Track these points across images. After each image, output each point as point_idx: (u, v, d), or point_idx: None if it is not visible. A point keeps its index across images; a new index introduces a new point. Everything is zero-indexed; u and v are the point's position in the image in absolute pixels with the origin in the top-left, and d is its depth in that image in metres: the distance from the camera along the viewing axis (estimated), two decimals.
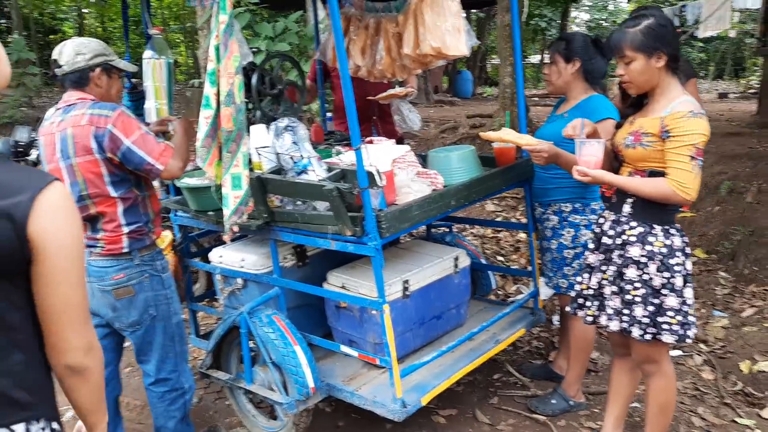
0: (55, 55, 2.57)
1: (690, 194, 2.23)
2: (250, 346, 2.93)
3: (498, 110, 6.90)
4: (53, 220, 1.18)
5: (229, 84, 2.10)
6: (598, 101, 2.93)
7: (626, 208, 2.43)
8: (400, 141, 4.24)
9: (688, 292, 2.37)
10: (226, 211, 2.25)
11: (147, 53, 2.97)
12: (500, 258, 4.93)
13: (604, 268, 2.50)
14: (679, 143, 2.22)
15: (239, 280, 3.15)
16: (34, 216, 1.16)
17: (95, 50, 2.60)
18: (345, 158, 2.89)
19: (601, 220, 2.54)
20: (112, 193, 2.49)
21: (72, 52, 2.55)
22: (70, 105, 2.54)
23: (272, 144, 2.68)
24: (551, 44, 3.11)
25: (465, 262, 3.24)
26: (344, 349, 2.87)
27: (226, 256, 3.20)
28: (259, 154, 2.72)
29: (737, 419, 3.05)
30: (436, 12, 3.16)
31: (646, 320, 2.36)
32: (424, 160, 3.20)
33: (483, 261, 3.75)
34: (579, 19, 28.39)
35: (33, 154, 4.85)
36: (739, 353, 3.63)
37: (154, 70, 2.98)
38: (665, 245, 2.34)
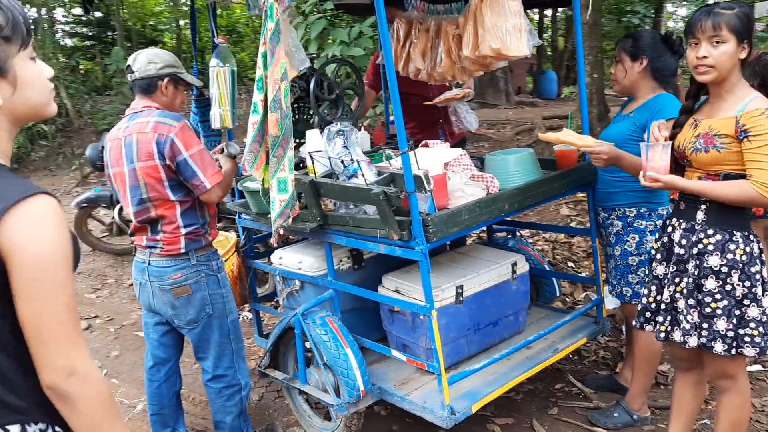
0: (129, 61, 2.73)
1: None
2: (305, 347, 2.98)
3: (576, 111, 6.69)
4: (26, 231, 1.14)
5: (275, 90, 2.15)
6: (665, 100, 2.78)
7: (700, 215, 2.27)
8: (462, 143, 4.19)
9: (766, 302, 2.22)
10: (273, 214, 2.30)
11: (213, 61, 3.08)
12: (571, 264, 4.77)
13: (677, 280, 2.34)
14: (761, 142, 2.07)
15: (297, 282, 3.21)
16: (3, 226, 1.13)
17: (166, 61, 2.74)
18: (396, 162, 2.88)
19: (670, 229, 2.40)
20: (171, 196, 2.61)
21: (145, 60, 2.70)
22: (136, 112, 2.69)
23: (324, 148, 2.71)
24: (618, 42, 2.98)
25: (524, 267, 3.16)
26: (394, 353, 2.86)
27: (285, 258, 3.26)
28: (312, 158, 2.76)
29: None
30: (496, 12, 3.10)
31: (730, 334, 2.21)
32: (482, 164, 3.14)
33: (546, 267, 3.64)
34: (677, 14, 27.09)
35: None
36: None
37: (218, 77, 3.08)
38: (746, 252, 2.20)
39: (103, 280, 5.65)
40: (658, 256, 2.43)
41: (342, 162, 2.65)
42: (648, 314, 2.44)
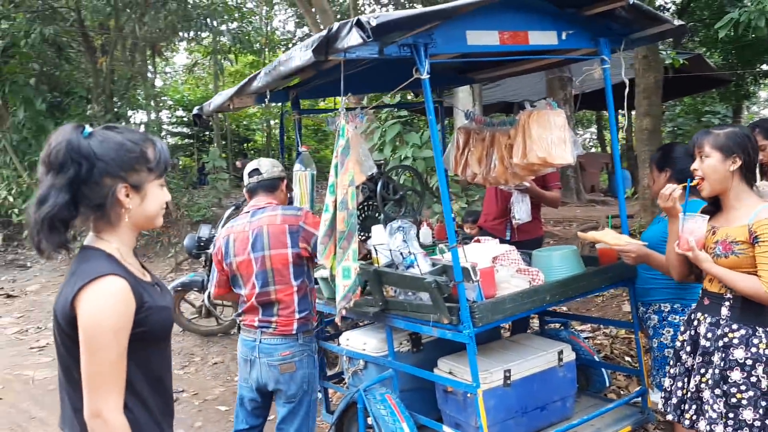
0: (254, 165, 3.27)
1: None
2: (366, 422, 3.30)
3: (639, 211, 6.91)
4: (89, 302, 1.53)
5: (343, 194, 2.62)
6: (693, 206, 3.07)
7: (724, 311, 2.51)
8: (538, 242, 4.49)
9: None
10: (337, 297, 2.71)
11: (296, 166, 3.63)
12: (628, 359, 4.89)
13: (702, 371, 2.54)
14: (767, 248, 2.35)
15: (361, 362, 3.57)
16: (77, 297, 1.54)
17: (282, 167, 3.32)
18: (448, 256, 3.26)
19: (696, 323, 2.62)
20: (293, 281, 3.04)
21: (270, 165, 3.27)
22: (260, 208, 3.17)
23: (387, 242, 3.14)
24: (651, 157, 3.33)
25: (570, 356, 3.40)
26: (446, 429, 3.14)
27: (352, 340, 3.64)
28: (376, 250, 3.19)
29: None
30: (543, 126, 3.53)
31: (757, 423, 2.38)
32: (530, 259, 3.48)
33: (596, 358, 3.85)
34: (759, 116, 26.81)
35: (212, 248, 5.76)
36: None
37: (300, 180, 3.62)
38: None
39: (191, 357, 6.16)
40: (688, 348, 2.65)
41: (401, 254, 3.06)
42: (674, 402, 2.64)
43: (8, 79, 11.03)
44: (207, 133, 26.08)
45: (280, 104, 4.56)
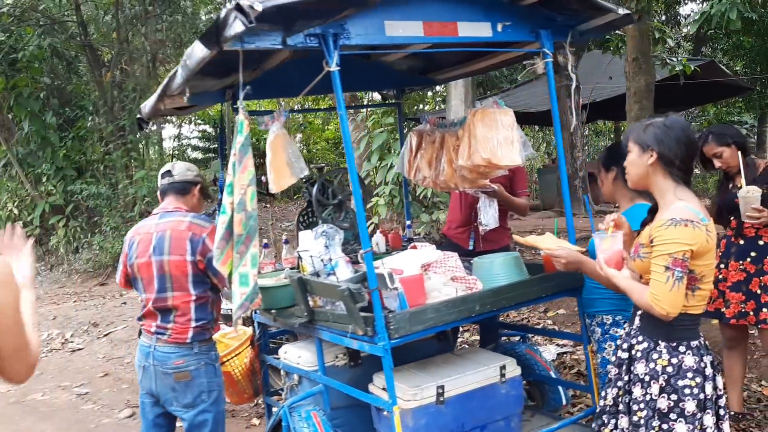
0: (168, 167, 3.15)
1: (664, 308, 2.10)
2: None
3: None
4: None
5: (241, 194, 2.44)
6: (638, 210, 2.83)
7: (636, 321, 2.33)
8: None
9: (708, 420, 2.14)
10: (233, 305, 2.53)
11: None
12: None
13: (619, 383, 2.35)
14: (657, 252, 2.14)
15: (295, 376, 3.37)
16: None
17: (198, 172, 3.17)
18: (387, 262, 3.05)
19: (620, 332, 2.43)
20: (191, 290, 2.91)
21: (184, 167, 3.14)
22: (168, 212, 3.04)
23: (311, 248, 2.95)
24: (598, 157, 3.11)
25: (514, 371, 3.15)
26: None
27: (289, 353, 3.45)
28: (299, 256, 3.00)
29: None
30: (488, 125, 3.31)
31: None
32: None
33: (552, 374, 3.58)
34: None
35: None
36: None
37: None
38: (671, 364, 2.17)
39: None
40: (613, 358, 2.44)
41: (322, 260, 2.87)
42: (605, 417, 2.41)
43: (15, 92, 11.16)
44: (227, 147, 26.32)
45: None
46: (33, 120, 11.40)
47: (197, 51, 2.52)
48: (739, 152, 3.37)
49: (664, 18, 16.44)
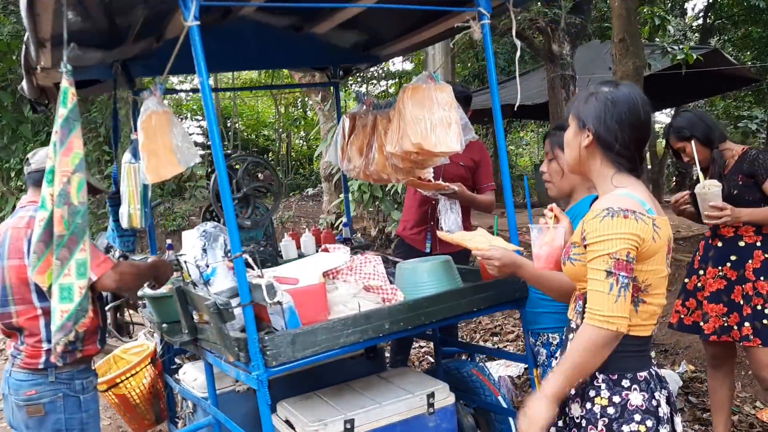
0: (29, 155, 2.61)
1: (612, 324, 1.56)
2: None
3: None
4: None
5: (63, 183, 1.89)
6: (588, 203, 2.27)
7: (569, 344, 1.77)
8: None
9: None
10: (53, 327, 1.98)
11: (125, 156, 2.93)
12: None
13: (553, 430, 1.81)
14: (593, 253, 1.60)
15: (190, 403, 2.83)
16: None
17: None
18: (282, 269, 2.51)
19: (555, 361, 1.89)
20: (36, 302, 2.35)
21: (44, 155, 2.57)
22: (22, 207, 2.52)
23: (188, 251, 2.41)
24: (545, 136, 2.54)
25: (446, 400, 2.60)
26: None
27: (187, 374, 2.92)
28: (178, 261, 2.47)
29: None
30: (419, 104, 2.76)
31: None
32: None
33: (501, 400, 3.02)
34: None
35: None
36: None
37: (129, 174, 2.92)
38: (613, 404, 1.63)
39: None
40: None
41: (198, 267, 2.33)
42: None
43: None
44: (226, 144, 25.89)
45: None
46: (3, 113, 10.90)
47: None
48: (701, 145, 2.91)
49: (669, 5, 15.74)
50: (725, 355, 3.08)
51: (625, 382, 1.66)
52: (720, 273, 2.90)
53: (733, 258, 2.88)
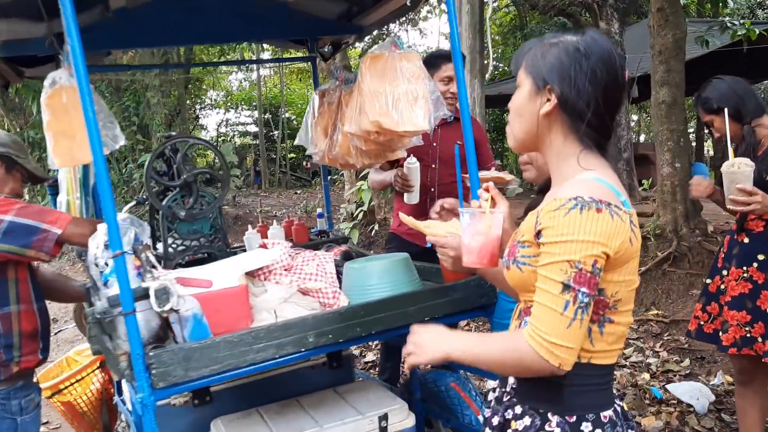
0: None
1: (555, 358, 1.19)
2: None
3: (657, 207, 5.41)
4: None
5: None
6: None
7: (511, 379, 1.36)
8: None
9: None
10: None
11: None
12: None
13: None
14: (548, 257, 1.20)
15: (123, 417, 2.52)
16: None
17: (3, 142, 2.35)
18: (199, 269, 2.13)
19: (492, 394, 1.47)
20: None
21: None
22: None
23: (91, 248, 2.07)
24: None
25: (404, 423, 2.19)
26: None
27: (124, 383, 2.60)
28: (82, 258, 2.14)
29: None
30: (380, 75, 2.36)
31: None
32: None
33: (482, 420, 2.59)
34: None
35: None
36: None
37: None
38: None
39: None
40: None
41: (96, 265, 1.99)
42: None
43: None
44: (274, 133, 25.89)
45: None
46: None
47: None
48: (731, 119, 2.41)
49: None
50: (754, 369, 2.57)
51: (586, 426, 1.24)
52: (745, 274, 2.39)
53: (761, 257, 2.37)
